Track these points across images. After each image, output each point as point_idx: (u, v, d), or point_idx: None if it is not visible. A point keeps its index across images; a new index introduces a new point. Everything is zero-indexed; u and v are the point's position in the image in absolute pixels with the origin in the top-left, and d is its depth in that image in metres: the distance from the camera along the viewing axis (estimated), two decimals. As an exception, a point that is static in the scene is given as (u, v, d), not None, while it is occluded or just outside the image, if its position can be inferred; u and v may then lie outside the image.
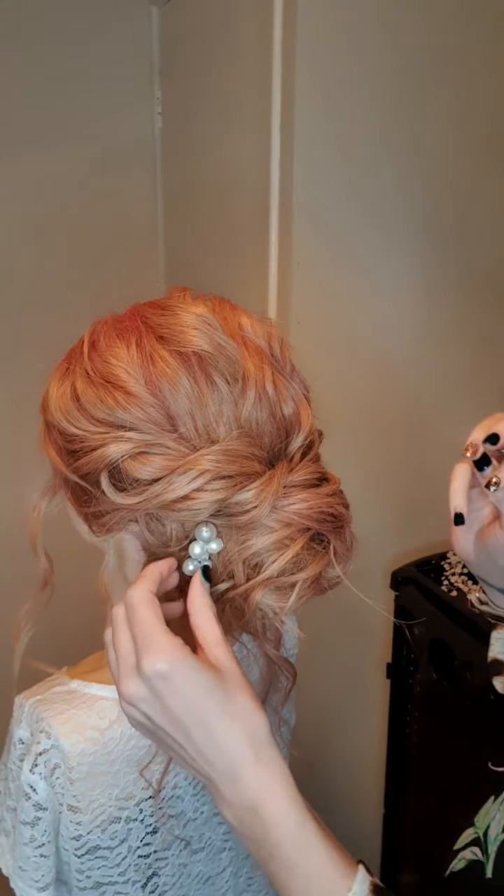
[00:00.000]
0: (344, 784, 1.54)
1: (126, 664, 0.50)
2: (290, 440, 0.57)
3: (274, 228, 1.16)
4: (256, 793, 0.48)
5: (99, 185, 1.50)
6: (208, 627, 0.52)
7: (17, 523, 0.63)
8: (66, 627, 0.88)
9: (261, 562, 0.53)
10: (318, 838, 0.48)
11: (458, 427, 1.36)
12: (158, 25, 1.49)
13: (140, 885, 0.67)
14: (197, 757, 0.49)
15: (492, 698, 1.05)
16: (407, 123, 1.17)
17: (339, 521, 0.56)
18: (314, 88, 1.09)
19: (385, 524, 1.34)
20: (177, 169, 1.51)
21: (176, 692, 0.48)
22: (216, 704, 0.48)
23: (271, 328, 0.59)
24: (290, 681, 0.69)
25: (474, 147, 1.24)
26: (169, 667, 0.47)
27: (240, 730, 0.48)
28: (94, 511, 0.57)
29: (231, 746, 0.48)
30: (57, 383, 0.58)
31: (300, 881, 0.47)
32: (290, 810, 0.48)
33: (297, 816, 0.48)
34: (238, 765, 0.48)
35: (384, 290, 1.24)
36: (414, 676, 1.24)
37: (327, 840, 0.49)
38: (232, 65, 1.24)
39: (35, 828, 0.61)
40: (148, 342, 0.55)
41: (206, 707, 0.48)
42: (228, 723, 0.48)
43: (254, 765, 0.48)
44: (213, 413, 0.53)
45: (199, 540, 0.53)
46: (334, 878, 0.47)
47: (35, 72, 1.40)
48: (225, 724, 0.48)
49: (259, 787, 0.48)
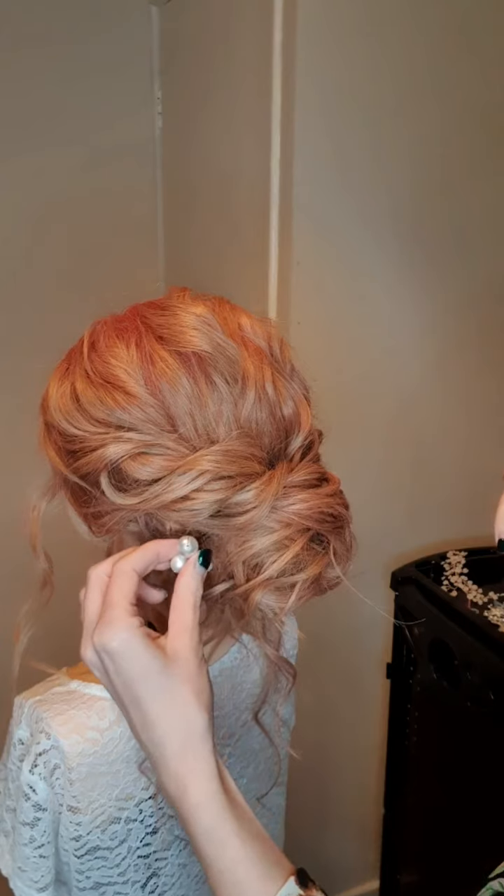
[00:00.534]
0: (344, 784, 1.54)
1: (87, 628, 0.51)
2: (289, 440, 0.57)
3: (274, 228, 1.16)
4: (176, 784, 0.49)
5: (99, 185, 1.50)
6: (184, 612, 0.51)
7: (17, 523, 0.63)
8: (66, 628, 0.88)
9: (261, 562, 0.53)
10: (237, 838, 0.48)
11: (458, 427, 1.36)
12: (158, 25, 1.49)
13: (140, 886, 0.67)
14: (136, 735, 0.51)
15: (491, 698, 1.06)
16: (407, 123, 1.17)
17: (338, 521, 0.56)
18: (314, 88, 1.09)
19: (385, 524, 1.34)
20: (177, 168, 1.51)
21: (118, 671, 0.49)
22: (153, 690, 0.49)
23: (271, 328, 0.59)
24: (290, 681, 0.69)
25: (474, 147, 1.24)
26: (117, 646, 0.48)
27: (171, 719, 0.49)
28: (93, 511, 0.57)
29: (159, 733, 0.49)
30: (56, 383, 0.58)
31: (216, 877, 0.48)
32: (207, 806, 0.48)
33: (213, 812, 0.48)
34: (164, 752, 0.49)
35: (384, 290, 1.24)
36: (414, 676, 1.24)
37: (249, 840, 0.49)
38: (232, 65, 1.24)
39: (35, 828, 0.61)
40: (147, 342, 0.55)
41: (142, 691, 0.49)
42: (161, 710, 0.49)
43: (178, 756, 0.49)
44: (212, 413, 0.53)
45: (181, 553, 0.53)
46: (247, 879, 0.48)
47: (34, 72, 1.40)
48: (157, 710, 0.49)
49: (179, 778, 0.49)
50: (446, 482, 1.38)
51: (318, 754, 1.47)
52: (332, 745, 1.48)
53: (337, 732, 1.48)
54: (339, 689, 1.44)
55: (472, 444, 1.38)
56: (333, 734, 1.47)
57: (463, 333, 1.32)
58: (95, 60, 1.45)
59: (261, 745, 0.76)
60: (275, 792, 0.79)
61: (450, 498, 1.39)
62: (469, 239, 1.28)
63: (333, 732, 1.47)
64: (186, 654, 0.50)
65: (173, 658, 0.50)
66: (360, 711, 1.48)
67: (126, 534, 0.58)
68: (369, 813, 1.52)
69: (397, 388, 1.30)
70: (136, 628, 0.49)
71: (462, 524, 1.38)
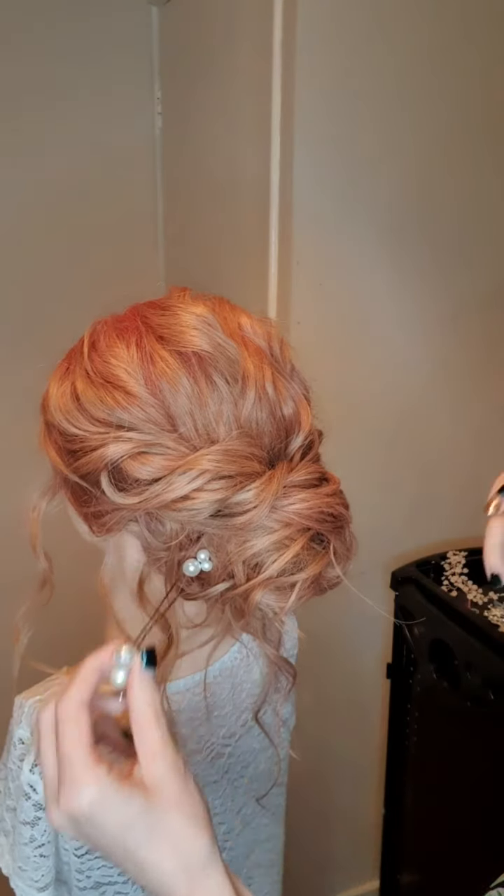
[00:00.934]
0: (344, 784, 1.55)
1: (50, 791, 0.46)
2: (289, 440, 0.57)
3: (274, 228, 1.16)
4: None
5: (99, 185, 1.50)
6: (147, 734, 0.46)
7: (17, 523, 0.63)
8: (66, 627, 0.88)
9: (261, 562, 0.53)
10: None
11: (459, 426, 1.36)
12: (158, 25, 1.49)
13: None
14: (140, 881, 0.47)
15: (491, 698, 1.06)
16: (407, 123, 1.17)
17: (338, 521, 0.56)
18: (314, 88, 1.09)
19: (385, 524, 1.34)
20: (177, 169, 1.51)
21: (99, 829, 0.45)
22: (143, 838, 0.45)
23: (271, 328, 0.59)
24: (290, 681, 0.69)
25: (475, 147, 1.24)
26: (87, 808, 0.44)
27: (170, 859, 0.45)
28: (93, 511, 0.57)
29: (161, 877, 0.45)
30: (57, 383, 0.58)
31: None
32: None
33: None
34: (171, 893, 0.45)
35: (384, 290, 1.24)
36: (414, 676, 1.24)
37: None
38: (232, 65, 1.24)
39: (35, 828, 0.61)
40: (148, 342, 0.55)
41: (131, 842, 0.45)
42: (157, 854, 0.45)
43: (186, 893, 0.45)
44: (212, 413, 0.53)
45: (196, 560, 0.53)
46: None
47: (34, 71, 1.40)
48: (153, 855, 0.45)
49: None
50: (446, 482, 1.38)
51: (318, 754, 1.47)
52: (332, 745, 1.48)
53: (337, 732, 1.48)
54: (339, 688, 1.44)
55: (473, 444, 1.38)
56: (333, 734, 1.48)
57: (465, 333, 1.32)
58: (95, 60, 1.45)
59: (261, 744, 0.76)
60: (275, 792, 0.79)
61: (450, 498, 1.39)
62: (470, 238, 1.28)
63: (333, 732, 1.47)
64: (165, 778, 0.46)
65: (153, 789, 0.45)
66: (360, 711, 1.48)
67: (126, 533, 0.58)
68: (369, 813, 1.52)
69: (398, 388, 1.30)
70: (104, 778, 0.45)
71: (462, 524, 1.39)
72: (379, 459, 1.31)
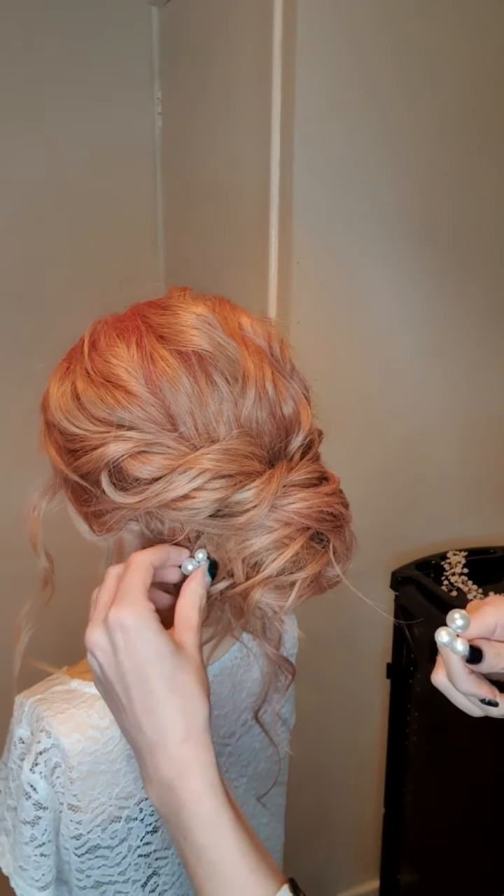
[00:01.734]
0: (344, 784, 1.55)
1: (98, 614, 0.51)
2: (289, 439, 0.57)
3: (274, 228, 1.16)
4: (177, 769, 0.48)
5: (99, 185, 1.50)
6: (190, 611, 0.52)
7: (18, 523, 0.63)
8: (67, 627, 0.88)
9: (260, 561, 0.53)
10: (234, 830, 0.48)
11: (459, 426, 1.36)
12: (158, 25, 1.49)
13: (140, 885, 0.67)
14: (133, 720, 0.50)
15: (492, 698, 1.05)
16: (407, 123, 1.17)
17: (338, 520, 0.56)
18: (314, 88, 1.09)
19: (385, 524, 1.34)
20: (177, 169, 1.51)
21: (130, 649, 0.49)
22: (163, 672, 0.49)
23: (271, 328, 0.59)
24: (289, 679, 0.69)
25: (474, 146, 1.24)
26: (132, 622, 0.49)
27: (177, 704, 0.49)
28: (94, 510, 0.57)
29: (164, 716, 0.49)
30: (57, 383, 0.58)
31: (206, 868, 0.47)
32: (208, 794, 0.48)
33: (214, 802, 0.48)
34: (167, 736, 0.49)
35: (384, 290, 1.24)
36: (414, 676, 1.24)
37: (244, 836, 0.48)
38: (232, 65, 1.25)
39: (35, 827, 0.61)
40: (148, 342, 0.55)
41: (152, 671, 0.49)
42: (168, 693, 0.49)
43: (181, 741, 0.49)
44: (213, 412, 0.54)
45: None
46: (242, 873, 0.47)
47: (34, 71, 1.40)
48: (165, 692, 0.49)
49: (181, 764, 0.48)
50: (446, 482, 1.38)
51: (318, 754, 1.47)
52: (332, 745, 1.48)
53: (337, 732, 1.48)
54: (339, 688, 1.44)
55: (473, 444, 1.38)
56: (333, 734, 1.48)
57: (464, 332, 1.32)
58: (95, 60, 1.45)
59: (261, 744, 0.76)
60: (275, 792, 0.79)
61: (450, 498, 1.39)
62: (469, 238, 1.28)
63: (333, 732, 1.47)
64: (192, 649, 0.51)
65: (181, 647, 0.51)
66: (360, 711, 1.48)
67: (126, 533, 0.58)
68: (369, 813, 1.52)
69: (398, 388, 1.30)
70: (153, 612, 0.50)
71: (462, 524, 1.39)
72: (379, 459, 1.31)
